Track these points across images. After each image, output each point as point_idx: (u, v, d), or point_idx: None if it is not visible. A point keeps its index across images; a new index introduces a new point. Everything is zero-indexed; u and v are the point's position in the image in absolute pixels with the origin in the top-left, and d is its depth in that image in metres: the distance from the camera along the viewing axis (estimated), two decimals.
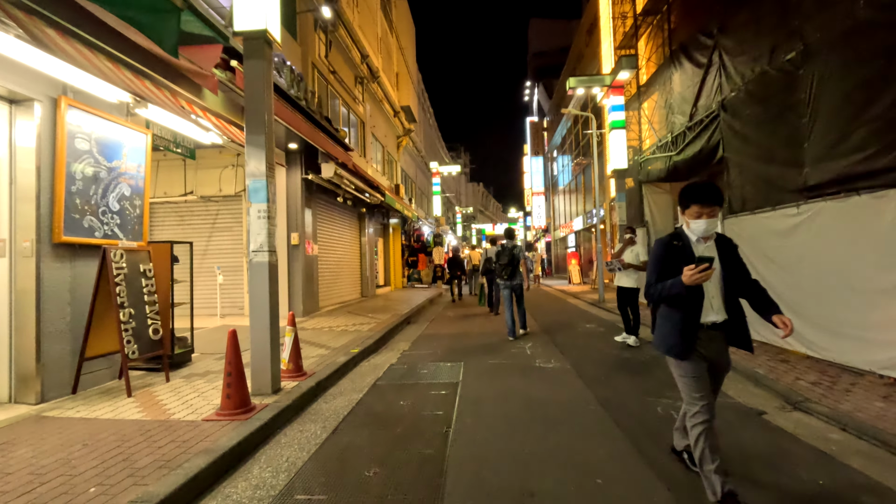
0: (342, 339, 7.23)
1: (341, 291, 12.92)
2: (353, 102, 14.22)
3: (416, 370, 5.50)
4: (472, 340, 7.49)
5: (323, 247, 11.49)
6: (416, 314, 11.21)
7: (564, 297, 15.40)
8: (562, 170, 31.41)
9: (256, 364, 4.22)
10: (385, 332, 7.98)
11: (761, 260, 6.48)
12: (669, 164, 9.67)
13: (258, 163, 4.24)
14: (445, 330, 8.72)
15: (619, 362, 5.77)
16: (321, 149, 8.64)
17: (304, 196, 9.80)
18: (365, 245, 14.91)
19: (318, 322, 9.03)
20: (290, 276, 9.62)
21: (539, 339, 7.35)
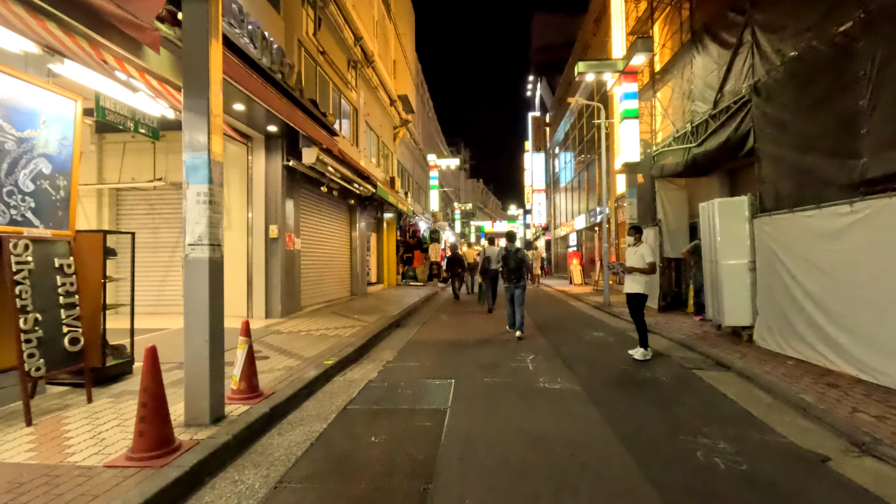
0: (319, 346, 6.36)
1: (328, 289, 12.04)
2: (346, 88, 13.31)
3: (397, 390, 4.63)
4: (466, 350, 6.64)
5: (307, 241, 10.61)
6: (408, 316, 10.35)
7: (566, 298, 14.55)
8: (564, 166, 30.52)
9: (191, 387, 3.36)
10: (369, 337, 7.12)
11: (800, 265, 5.62)
12: (688, 157, 8.81)
13: (198, 133, 3.36)
14: (437, 336, 7.86)
15: (638, 383, 4.91)
16: (301, 131, 7.75)
17: (285, 185, 8.91)
18: (355, 240, 14.03)
19: (297, 324, 8.16)
20: (268, 272, 8.74)
21: (542, 350, 6.49)
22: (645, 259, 6.11)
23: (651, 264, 6.09)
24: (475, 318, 9.89)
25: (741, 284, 6.92)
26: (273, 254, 8.79)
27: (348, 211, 13.79)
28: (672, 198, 10.41)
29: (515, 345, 6.90)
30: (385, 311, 10.22)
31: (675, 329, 8.03)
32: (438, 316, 10.55)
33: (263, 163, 8.73)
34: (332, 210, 12.32)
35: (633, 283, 6.19)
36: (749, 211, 6.88)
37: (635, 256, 6.21)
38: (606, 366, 5.70)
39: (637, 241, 6.32)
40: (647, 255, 6.12)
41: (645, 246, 6.23)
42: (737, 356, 5.93)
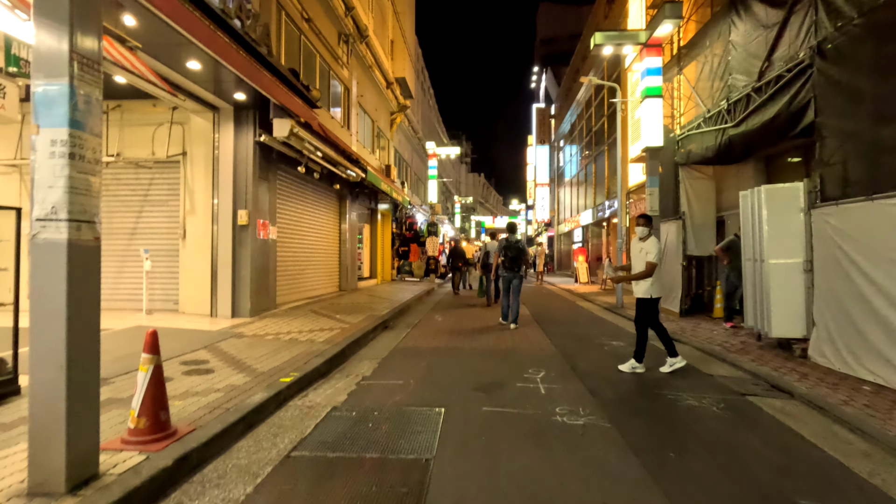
0: (283, 355, 5.22)
1: (312, 284, 10.90)
2: (336, 64, 12.10)
3: (367, 423, 3.50)
4: (462, 361, 5.50)
5: (286, 230, 9.45)
6: (398, 315, 9.22)
7: (573, 298, 13.40)
8: (569, 159, 29.32)
9: (38, 437, 2.21)
10: (348, 343, 6.00)
11: (882, 265, 4.47)
12: (721, 139, 7.63)
13: (52, 37, 2.20)
14: (429, 341, 6.72)
15: (684, 416, 3.77)
16: (270, 96, 6.58)
17: (257, 164, 7.73)
18: (345, 231, 12.87)
19: (266, 325, 7.02)
20: (236, 265, 7.59)
21: (554, 365, 5.34)
22: (647, 257, 5.05)
23: (651, 265, 5.02)
24: (474, 319, 8.75)
25: (793, 288, 5.78)
26: (242, 243, 7.63)
27: (337, 199, 12.62)
28: (698, 188, 9.24)
29: (521, 356, 5.77)
30: (373, 310, 9.08)
31: (705, 338, 6.90)
32: (433, 316, 9.41)
33: (232, 138, 7.56)
34: (318, 197, 11.15)
35: (644, 284, 5.12)
36: (805, 200, 5.73)
37: (641, 254, 5.17)
38: (636, 388, 4.57)
39: (648, 233, 5.22)
40: (651, 252, 5.04)
41: (652, 241, 5.12)
42: (795, 377, 4.79)
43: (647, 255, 5.06)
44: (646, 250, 5.09)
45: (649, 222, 5.29)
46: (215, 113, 7.56)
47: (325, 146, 8.34)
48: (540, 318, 9.03)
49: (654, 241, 5.11)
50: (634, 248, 5.30)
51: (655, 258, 5.04)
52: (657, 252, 5.06)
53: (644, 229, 5.24)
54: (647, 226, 5.25)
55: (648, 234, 5.22)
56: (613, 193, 18.24)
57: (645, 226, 5.26)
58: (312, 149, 7.93)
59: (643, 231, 5.24)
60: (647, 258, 5.06)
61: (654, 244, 5.07)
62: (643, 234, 5.22)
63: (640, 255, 5.18)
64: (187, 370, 4.48)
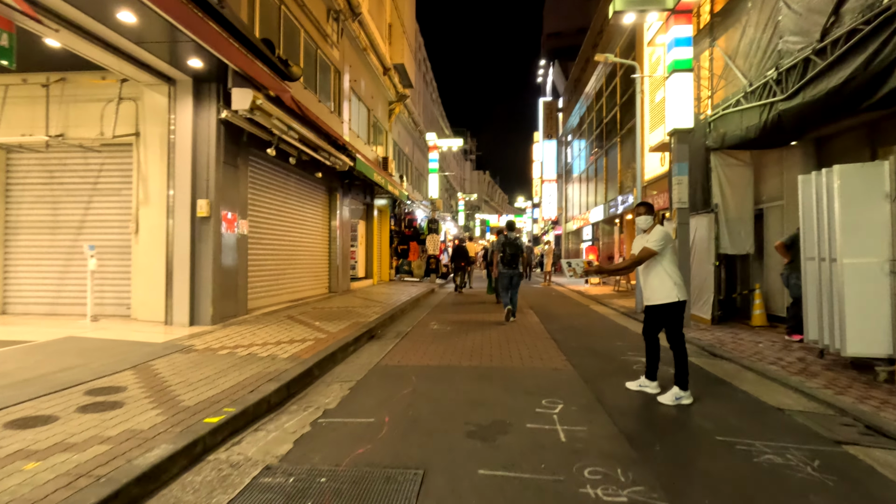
0: (228, 378, 4.11)
1: (295, 286, 9.79)
2: (324, 42, 10.98)
3: (305, 499, 2.36)
4: (456, 387, 4.35)
5: (262, 225, 8.35)
6: (388, 322, 8.09)
7: (586, 302, 12.21)
8: (578, 154, 28.05)
9: None
10: (319, 359, 4.89)
11: None
12: (768, 116, 6.43)
13: None
14: (419, 356, 5.58)
15: (772, 482, 2.60)
16: (228, 61, 5.47)
17: (221, 147, 6.63)
18: (336, 228, 11.76)
19: (227, 336, 5.92)
20: (195, 264, 6.49)
21: (574, 395, 4.18)
22: (647, 242, 4.11)
23: (646, 252, 4.08)
24: (474, 327, 7.59)
25: (873, 294, 4.59)
26: (202, 238, 6.53)
27: (326, 192, 11.52)
28: (733, 176, 8.04)
29: (531, 380, 4.61)
30: (360, 316, 7.96)
31: (751, 352, 5.72)
32: (428, 323, 8.27)
33: (191, 115, 6.45)
34: (303, 189, 10.04)
35: (665, 284, 4.03)
36: (892, 183, 4.54)
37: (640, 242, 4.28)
38: (688, 430, 3.40)
39: (653, 224, 4.23)
40: (654, 239, 4.06)
41: (658, 231, 4.11)
42: (894, 414, 3.61)
43: (647, 241, 4.08)
44: (648, 239, 4.11)
45: (651, 210, 4.25)
46: (171, 86, 6.46)
47: (301, 126, 7.21)
48: (551, 327, 7.86)
49: (661, 229, 4.11)
50: (638, 242, 4.29)
51: (657, 246, 4.03)
52: (662, 240, 4.04)
53: (647, 218, 4.22)
54: (649, 213, 4.22)
55: (653, 224, 4.20)
56: (627, 188, 17.00)
57: (647, 213, 4.22)
58: (284, 128, 6.80)
59: (646, 221, 4.23)
60: (647, 243, 4.08)
61: (660, 232, 4.08)
62: (646, 225, 4.21)
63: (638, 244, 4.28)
64: (87, 404, 3.37)
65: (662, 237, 4.05)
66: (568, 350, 5.97)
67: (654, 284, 4.08)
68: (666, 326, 4.10)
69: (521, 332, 7.30)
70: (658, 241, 4.03)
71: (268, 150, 6.82)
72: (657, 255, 4.03)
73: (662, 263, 4.04)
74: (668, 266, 4.05)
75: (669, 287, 4.01)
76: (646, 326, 4.34)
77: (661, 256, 4.03)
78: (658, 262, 4.05)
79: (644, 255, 4.08)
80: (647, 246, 4.06)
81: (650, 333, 4.29)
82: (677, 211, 7.89)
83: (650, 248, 4.03)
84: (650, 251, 4.03)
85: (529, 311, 9.84)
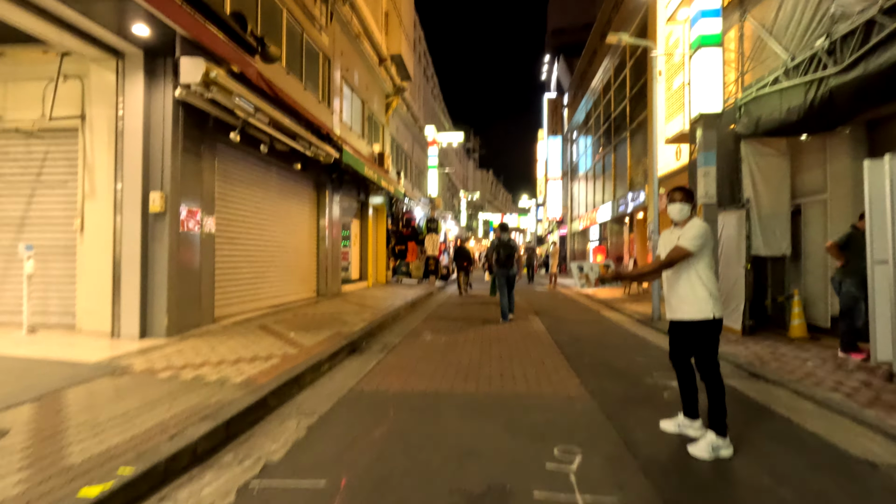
0: (153, 414, 3.21)
1: (276, 290, 8.90)
2: (310, 25, 10.09)
3: None
4: (444, 426, 3.43)
5: (235, 223, 7.46)
6: (377, 331, 7.18)
7: (596, 307, 11.26)
8: (584, 152, 27.08)
9: None
10: (280, 384, 4.01)
11: None
12: (816, 94, 5.47)
13: None
14: (403, 379, 4.66)
15: None
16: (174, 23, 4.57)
17: (179, 132, 5.75)
18: (325, 227, 10.88)
19: (179, 352, 5.02)
20: (147, 266, 5.60)
21: (595, 438, 3.25)
22: (680, 240, 3.12)
23: (680, 252, 3.09)
24: (473, 337, 6.67)
25: None
26: (156, 237, 5.64)
27: (314, 188, 10.64)
28: (767, 168, 7.08)
29: (540, 414, 3.68)
30: (345, 324, 7.06)
31: (801, 373, 4.77)
32: (421, 332, 7.35)
33: (141, 95, 5.56)
34: (286, 184, 9.15)
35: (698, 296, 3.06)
36: None
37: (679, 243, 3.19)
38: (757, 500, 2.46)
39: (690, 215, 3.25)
40: (690, 236, 3.07)
41: (694, 225, 3.13)
42: None
43: (680, 239, 3.11)
44: (683, 234, 3.12)
45: (689, 197, 3.22)
46: (119, 60, 5.58)
47: (273, 109, 6.32)
48: (560, 338, 6.92)
49: (700, 224, 3.13)
50: (668, 238, 3.28)
51: (693, 244, 3.04)
52: (700, 238, 3.04)
53: (683, 208, 3.19)
54: (687, 201, 3.19)
55: (690, 216, 3.21)
56: (638, 184, 16.04)
57: (684, 201, 3.19)
58: (250, 109, 5.90)
59: (681, 212, 3.19)
60: (680, 241, 3.09)
61: (698, 227, 3.10)
62: (682, 217, 3.20)
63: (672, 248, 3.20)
64: None
65: (701, 234, 3.06)
66: (581, 368, 5.03)
67: (684, 294, 3.10)
68: (695, 350, 3.13)
69: (525, 344, 6.37)
70: (695, 239, 3.04)
71: (231, 135, 5.92)
72: (692, 257, 3.08)
73: (697, 268, 3.06)
74: (704, 272, 3.07)
75: (703, 299, 3.03)
76: (673, 349, 3.32)
77: (696, 259, 3.07)
78: (691, 266, 3.08)
79: (676, 257, 3.09)
80: (681, 244, 3.08)
81: (681, 358, 3.28)
82: (703, 207, 6.95)
83: (684, 248, 3.06)
84: (684, 251, 3.06)
85: (535, 318, 8.91)
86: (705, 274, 3.08)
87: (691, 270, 3.08)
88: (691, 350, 3.17)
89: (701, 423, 3.23)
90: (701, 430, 3.19)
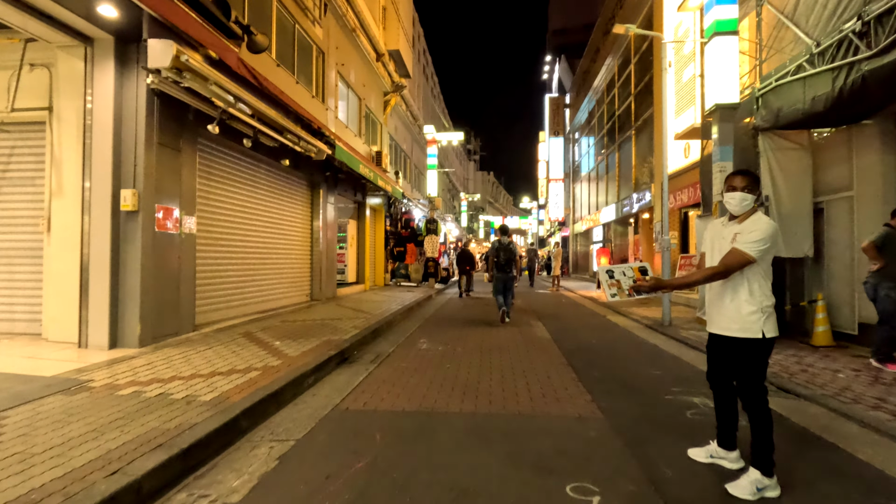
0: (98, 442, 2.77)
1: (267, 294, 8.46)
2: (303, 17, 9.68)
3: None
4: (438, 459, 2.97)
5: (220, 222, 7.03)
6: (370, 339, 6.73)
7: (601, 310, 10.79)
8: (586, 152, 26.63)
9: None
10: (254, 402, 3.56)
11: None
12: (846, 81, 5.02)
13: None
14: (394, 395, 4.20)
15: None
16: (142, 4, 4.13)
17: (155, 124, 5.31)
18: (319, 228, 10.44)
19: (149, 364, 4.57)
20: (118, 268, 5.16)
21: (613, 471, 2.79)
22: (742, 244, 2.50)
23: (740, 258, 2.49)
24: (473, 345, 6.21)
25: None
26: (128, 239, 5.20)
27: (308, 187, 10.20)
28: (787, 163, 6.61)
29: (547, 439, 3.22)
30: (336, 331, 6.62)
31: (836, 387, 4.34)
32: (417, 340, 6.89)
33: (112, 84, 5.13)
34: (277, 183, 8.71)
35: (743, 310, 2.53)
36: None
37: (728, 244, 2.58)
38: None
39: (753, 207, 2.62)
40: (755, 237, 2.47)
41: (762, 225, 2.51)
42: None
43: (741, 242, 2.48)
44: (742, 233, 2.51)
45: (755, 184, 2.61)
46: (88, 47, 5.14)
47: (258, 100, 5.88)
48: (566, 346, 6.46)
49: (768, 223, 2.51)
50: (719, 233, 2.70)
51: (757, 250, 2.46)
52: (768, 241, 2.46)
53: (746, 197, 2.57)
54: (750, 190, 2.57)
55: (751, 210, 2.61)
56: (643, 184, 15.58)
57: (747, 190, 2.57)
58: (230, 99, 5.46)
59: (744, 202, 2.57)
60: (740, 244, 2.48)
61: (763, 229, 2.47)
62: (744, 209, 2.59)
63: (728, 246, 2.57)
64: None
65: (768, 236, 2.46)
66: (591, 383, 4.57)
67: (729, 306, 2.58)
68: (738, 372, 2.62)
69: (529, 353, 5.91)
70: (760, 244, 2.45)
71: (209, 127, 5.47)
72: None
73: (749, 276, 2.53)
74: (758, 281, 2.52)
75: (752, 314, 2.50)
76: (712, 367, 2.84)
77: (752, 266, 2.51)
78: (743, 274, 2.54)
79: (734, 264, 2.49)
80: (742, 250, 2.47)
81: (720, 379, 2.80)
82: (719, 205, 6.48)
83: (746, 254, 2.46)
84: (744, 258, 2.46)
85: (538, 324, 8.45)
86: (759, 284, 2.52)
87: (742, 279, 2.54)
88: (733, 371, 2.68)
89: (738, 455, 2.77)
90: (738, 463, 2.73)
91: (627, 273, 2.85)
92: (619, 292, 2.80)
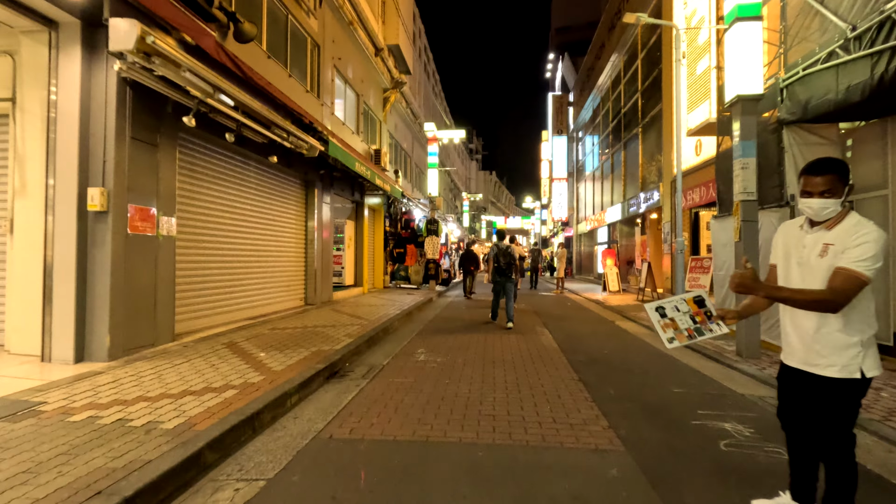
0: (26, 489, 2.31)
1: (257, 299, 8.01)
2: (297, 7, 9.22)
3: None
4: (435, 502, 2.51)
5: (204, 224, 6.58)
6: (364, 348, 6.27)
7: (609, 315, 10.30)
8: (590, 151, 26.12)
9: None
10: (224, 430, 3.12)
11: None
12: (886, 67, 4.53)
13: None
14: (385, 419, 3.73)
15: None
16: None
17: (126, 116, 4.86)
18: (314, 229, 9.99)
19: (115, 382, 4.12)
20: (86, 274, 4.71)
21: None
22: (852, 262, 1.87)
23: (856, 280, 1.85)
24: (475, 355, 5.74)
25: None
26: (97, 242, 4.75)
27: (302, 187, 9.75)
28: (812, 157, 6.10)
29: (562, 480, 2.75)
30: (328, 340, 6.16)
31: (878, 407, 3.87)
32: (414, 350, 6.42)
33: (79, 72, 4.68)
34: (268, 182, 8.26)
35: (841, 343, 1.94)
36: None
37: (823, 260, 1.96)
38: None
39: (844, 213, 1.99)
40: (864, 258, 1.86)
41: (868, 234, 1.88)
42: None
43: (850, 261, 1.88)
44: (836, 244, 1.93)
45: (843, 178, 1.97)
46: (52, 32, 4.69)
47: (240, 91, 5.42)
48: (575, 358, 5.99)
49: (873, 231, 1.90)
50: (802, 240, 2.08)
51: (871, 270, 1.85)
52: (879, 256, 1.86)
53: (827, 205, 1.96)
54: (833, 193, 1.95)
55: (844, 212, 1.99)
56: (651, 183, 15.08)
57: (827, 195, 1.96)
58: (208, 88, 5.00)
59: (823, 209, 1.98)
60: (848, 263, 1.88)
61: (873, 241, 1.87)
62: (826, 215, 1.99)
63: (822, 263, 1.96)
64: None
65: (882, 247, 1.88)
66: (606, 403, 4.09)
67: (820, 336, 1.99)
68: (823, 415, 2.03)
69: (535, 366, 5.43)
70: (874, 260, 1.86)
71: (184, 119, 5.01)
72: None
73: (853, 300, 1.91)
74: (861, 305, 1.94)
75: (850, 348, 1.94)
76: (787, 405, 2.23)
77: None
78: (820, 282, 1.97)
79: (852, 290, 1.87)
80: (853, 269, 1.87)
81: (798, 421, 2.19)
82: (741, 204, 6.00)
83: (861, 275, 1.86)
84: (862, 280, 1.86)
85: (544, 331, 7.97)
86: (859, 308, 1.94)
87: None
88: (817, 414, 2.08)
89: None
90: None
91: (682, 308, 2.28)
92: (676, 334, 2.26)
